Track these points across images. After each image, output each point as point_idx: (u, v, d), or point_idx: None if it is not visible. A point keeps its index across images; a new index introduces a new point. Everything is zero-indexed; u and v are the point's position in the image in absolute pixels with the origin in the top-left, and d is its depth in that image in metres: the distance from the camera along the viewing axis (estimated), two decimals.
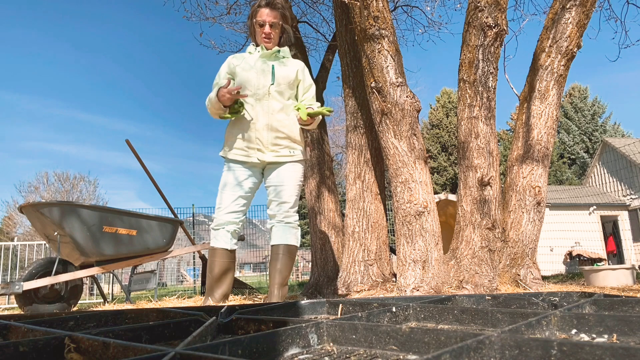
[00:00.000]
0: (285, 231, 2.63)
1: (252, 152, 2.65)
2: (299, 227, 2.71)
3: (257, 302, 2.17)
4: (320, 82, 4.93)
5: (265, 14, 2.69)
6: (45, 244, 9.11)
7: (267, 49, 2.72)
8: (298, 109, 2.67)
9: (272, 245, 2.66)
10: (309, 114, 2.60)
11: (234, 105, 2.59)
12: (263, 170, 2.74)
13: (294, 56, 4.83)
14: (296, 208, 2.68)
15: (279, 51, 2.74)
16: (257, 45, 2.77)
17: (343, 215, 4.15)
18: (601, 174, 17.72)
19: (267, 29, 2.68)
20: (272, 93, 2.64)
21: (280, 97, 2.65)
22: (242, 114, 2.64)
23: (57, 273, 3.58)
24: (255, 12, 2.73)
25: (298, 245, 2.69)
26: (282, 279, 2.60)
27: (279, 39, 2.77)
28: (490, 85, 3.45)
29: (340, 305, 1.34)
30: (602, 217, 15.18)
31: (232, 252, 2.69)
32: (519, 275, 3.53)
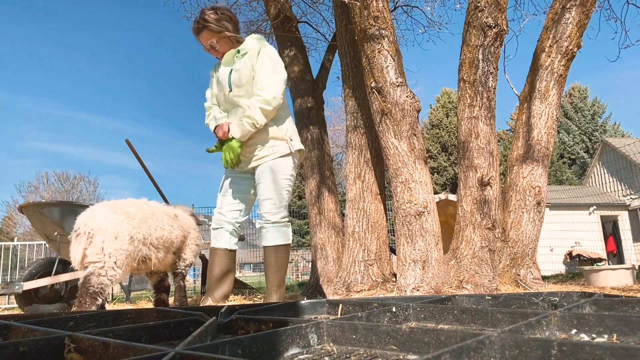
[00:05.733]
0: (273, 231, 2.60)
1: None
2: (288, 224, 2.64)
3: (257, 302, 2.17)
4: (320, 82, 4.93)
5: (199, 41, 2.71)
6: (45, 244, 9.11)
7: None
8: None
9: (264, 247, 2.65)
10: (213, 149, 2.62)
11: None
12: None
13: (294, 56, 4.85)
14: (283, 204, 2.61)
15: (238, 51, 2.65)
16: None
17: (343, 215, 4.15)
18: (601, 174, 17.72)
19: (211, 52, 2.71)
20: (234, 100, 2.61)
21: (244, 100, 2.60)
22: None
23: (57, 273, 3.58)
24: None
25: (289, 243, 2.64)
26: (278, 280, 2.58)
27: (226, 45, 2.70)
28: (490, 85, 3.45)
29: (340, 305, 1.34)
30: (602, 217, 15.17)
31: (232, 252, 2.69)
32: (519, 275, 3.53)
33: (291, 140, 2.63)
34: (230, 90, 2.61)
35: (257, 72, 2.56)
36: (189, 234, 2.74)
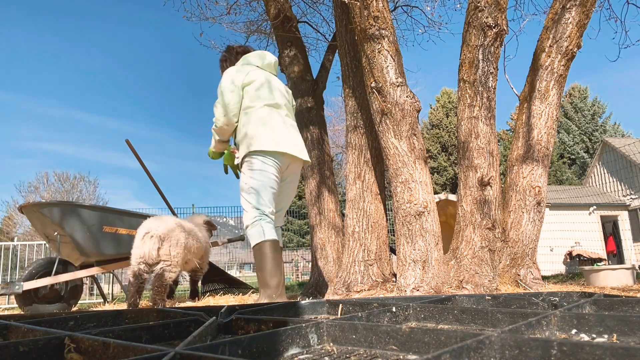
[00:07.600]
0: (249, 234, 2.68)
1: None
2: (256, 223, 2.62)
3: (257, 302, 2.17)
4: (320, 82, 4.93)
5: None
6: (45, 244, 9.11)
7: None
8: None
9: None
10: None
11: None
12: None
13: (294, 56, 4.85)
14: (250, 206, 2.68)
15: None
16: None
17: (343, 215, 4.14)
18: (601, 174, 17.72)
19: None
20: None
21: None
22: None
23: (57, 273, 3.58)
24: None
25: (258, 241, 2.60)
26: (260, 280, 2.58)
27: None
28: (490, 85, 3.45)
29: (340, 305, 1.34)
30: (602, 217, 15.17)
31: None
32: (519, 275, 3.53)
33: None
34: None
35: None
36: (207, 247, 3.37)
